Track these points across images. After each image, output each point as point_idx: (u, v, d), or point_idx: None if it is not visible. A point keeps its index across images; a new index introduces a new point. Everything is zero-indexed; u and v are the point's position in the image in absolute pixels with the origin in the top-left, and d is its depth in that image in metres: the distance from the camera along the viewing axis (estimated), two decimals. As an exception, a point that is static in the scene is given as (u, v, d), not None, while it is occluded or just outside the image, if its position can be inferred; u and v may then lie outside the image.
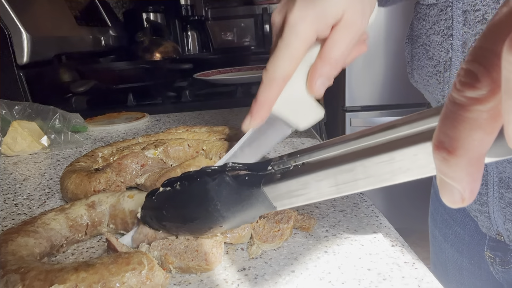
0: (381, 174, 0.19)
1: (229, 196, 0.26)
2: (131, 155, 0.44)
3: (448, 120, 0.14)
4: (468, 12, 0.38)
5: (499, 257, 0.48)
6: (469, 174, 0.14)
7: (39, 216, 0.34)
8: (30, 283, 0.24)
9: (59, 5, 1.16)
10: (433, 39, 0.42)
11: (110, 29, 1.47)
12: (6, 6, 0.86)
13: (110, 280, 0.24)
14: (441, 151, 0.14)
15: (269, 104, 0.33)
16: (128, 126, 0.82)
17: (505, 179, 0.42)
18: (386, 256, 0.30)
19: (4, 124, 0.67)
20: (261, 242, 0.31)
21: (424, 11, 0.44)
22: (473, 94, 0.13)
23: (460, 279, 0.57)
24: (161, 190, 0.29)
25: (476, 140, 0.14)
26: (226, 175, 0.26)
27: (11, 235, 0.30)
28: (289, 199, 0.24)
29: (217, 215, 0.27)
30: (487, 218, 0.46)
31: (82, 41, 1.22)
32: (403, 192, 1.80)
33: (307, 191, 0.23)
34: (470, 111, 0.13)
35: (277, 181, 0.24)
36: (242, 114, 0.86)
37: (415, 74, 0.48)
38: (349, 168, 0.20)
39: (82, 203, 0.36)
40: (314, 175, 0.22)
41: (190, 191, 0.28)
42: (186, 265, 0.28)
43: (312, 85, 0.32)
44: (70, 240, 0.34)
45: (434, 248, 0.64)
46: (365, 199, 0.41)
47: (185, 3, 2.00)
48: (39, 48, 0.93)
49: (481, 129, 0.13)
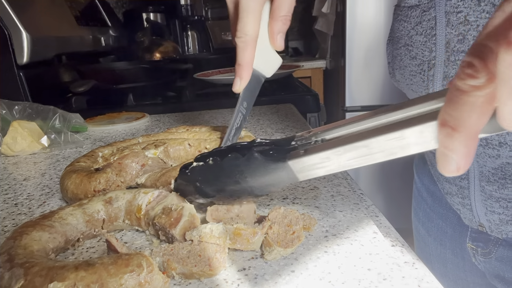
0: (392, 148, 0.22)
1: (257, 170, 0.29)
2: (131, 155, 0.44)
3: (451, 103, 0.18)
4: (451, 13, 0.40)
5: (481, 247, 0.50)
6: (467, 147, 0.18)
7: (56, 211, 0.35)
8: (32, 278, 0.24)
9: (59, 5, 1.16)
10: (416, 39, 0.44)
11: (110, 29, 1.47)
12: (6, 6, 0.86)
13: (107, 281, 0.24)
14: (446, 128, 0.18)
15: (251, 63, 0.39)
16: (128, 126, 0.82)
17: (485, 172, 0.44)
18: (386, 256, 0.30)
19: (4, 124, 0.67)
20: (283, 249, 0.30)
21: (406, 12, 0.46)
22: (474, 83, 0.16)
23: (444, 271, 0.59)
24: (195, 164, 0.33)
25: (474, 119, 0.17)
26: (254, 151, 0.29)
27: (27, 228, 0.31)
28: (312, 171, 0.27)
29: (246, 186, 0.31)
30: (469, 210, 0.48)
31: (82, 41, 1.22)
32: (403, 192, 1.80)
33: (328, 164, 0.25)
34: (470, 96, 0.17)
35: (301, 156, 0.27)
36: (242, 114, 0.86)
37: (397, 74, 0.50)
38: (365, 144, 0.23)
39: (99, 199, 0.37)
40: (335, 150, 0.24)
41: (222, 166, 0.31)
42: (189, 271, 0.28)
43: (275, 40, 0.39)
44: (87, 235, 0.35)
45: (418, 243, 0.66)
46: (365, 199, 0.41)
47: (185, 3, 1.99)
48: (39, 48, 0.93)
49: (478, 110, 0.17)
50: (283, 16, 0.38)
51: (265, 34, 0.39)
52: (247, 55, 0.38)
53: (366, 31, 1.71)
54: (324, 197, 0.40)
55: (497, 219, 0.45)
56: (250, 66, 0.39)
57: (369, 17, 1.70)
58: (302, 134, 0.30)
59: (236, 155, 0.30)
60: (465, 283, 0.57)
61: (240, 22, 0.37)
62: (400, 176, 1.78)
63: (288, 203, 0.40)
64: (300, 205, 0.39)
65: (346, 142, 0.24)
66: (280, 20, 0.38)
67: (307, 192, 0.42)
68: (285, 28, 0.39)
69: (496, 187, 0.43)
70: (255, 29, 0.38)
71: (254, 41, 0.38)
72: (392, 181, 1.83)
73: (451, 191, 0.50)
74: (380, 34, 1.70)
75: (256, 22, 0.37)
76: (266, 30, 0.39)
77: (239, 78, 0.39)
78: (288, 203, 0.40)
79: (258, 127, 0.73)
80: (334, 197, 0.40)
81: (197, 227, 0.31)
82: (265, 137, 0.65)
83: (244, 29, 0.37)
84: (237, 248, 0.31)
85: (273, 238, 0.31)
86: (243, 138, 0.52)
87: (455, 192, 0.49)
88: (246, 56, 0.38)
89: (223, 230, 0.31)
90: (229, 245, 0.31)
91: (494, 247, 0.48)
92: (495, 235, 0.47)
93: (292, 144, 0.30)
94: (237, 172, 0.30)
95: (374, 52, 1.72)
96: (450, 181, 0.50)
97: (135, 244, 0.34)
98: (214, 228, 0.31)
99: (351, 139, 0.24)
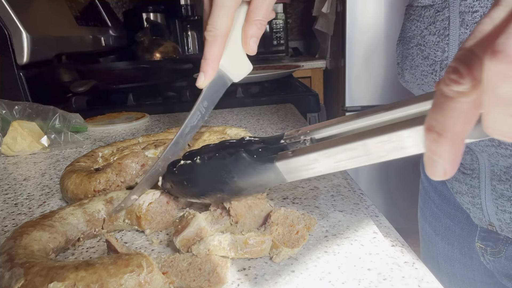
0: (379, 152, 0.22)
1: (245, 170, 0.29)
2: (131, 155, 0.44)
3: (438, 108, 0.18)
4: (466, 13, 0.39)
5: (490, 246, 0.50)
6: (453, 152, 0.18)
7: (57, 211, 0.35)
8: (31, 278, 0.24)
9: (59, 5, 1.16)
10: (428, 40, 0.44)
11: (110, 29, 1.47)
12: (6, 6, 0.86)
13: (107, 281, 0.24)
14: (432, 133, 0.18)
15: (217, 59, 0.38)
16: (128, 126, 0.82)
17: (497, 171, 0.43)
18: (386, 256, 0.30)
19: (4, 124, 0.67)
20: (291, 249, 0.30)
21: (419, 12, 0.45)
22: (459, 89, 0.16)
23: (452, 271, 0.59)
24: (182, 162, 0.32)
25: (460, 124, 0.17)
26: (242, 151, 0.29)
27: (27, 228, 0.31)
28: (300, 172, 0.27)
29: (233, 185, 0.30)
30: (479, 209, 0.48)
31: (82, 41, 1.22)
32: (403, 192, 1.80)
33: (315, 165, 0.26)
34: (456, 102, 0.17)
35: (289, 157, 0.27)
36: (242, 114, 0.86)
37: (407, 74, 0.49)
38: (353, 146, 0.23)
39: (100, 199, 0.37)
40: (322, 152, 0.25)
41: (209, 165, 0.30)
42: (187, 286, 0.27)
43: (247, 44, 0.39)
44: (87, 234, 0.35)
45: (424, 243, 0.65)
46: (365, 199, 0.41)
47: (185, 3, 2.00)
48: (39, 48, 0.93)
49: (464, 116, 0.17)
50: (259, 20, 0.38)
51: (238, 38, 0.39)
52: (214, 50, 0.37)
53: (366, 31, 1.71)
54: (324, 197, 0.40)
55: (508, 218, 0.45)
56: (216, 62, 0.38)
57: (369, 17, 1.69)
58: (291, 132, 0.30)
59: (223, 154, 0.30)
60: (473, 283, 0.57)
61: (212, 16, 0.37)
62: (400, 176, 1.78)
63: (288, 203, 0.40)
64: (300, 205, 0.39)
65: (334, 144, 0.24)
66: (255, 24, 0.38)
67: (307, 192, 0.42)
68: (259, 33, 0.39)
69: (507, 186, 0.43)
70: (226, 24, 0.37)
71: (224, 36, 0.37)
72: (392, 181, 1.83)
73: (461, 190, 0.50)
74: (380, 34, 1.70)
75: (228, 18, 0.37)
76: (240, 33, 0.39)
77: (203, 73, 0.38)
78: (288, 203, 0.40)
79: (258, 127, 0.73)
80: (334, 197, 0.40)
81: (203, 239, 0.30)
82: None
83: (214, 23, 0.37)
84: (248, 257, 0.30)
85: (278, 239, 0.30)
86: None
87: (465, 191, 0.49)
88: (213, 51, 0.37)
89: (232, 241, 0.30)
90: (241, 255, 0.30)
91: (504, 246, 0.47)
92: (505, 234, 0.46)
93: (281, 142, 0.30)
94: (225, 172, 0.30)
95: (374, 52, 1.72)
96: (460, 180, 0.49)
97: (135, 244, 0.34)
98: (222, 240, 0.30)
99: (340, 141, 0.24)
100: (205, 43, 0.38)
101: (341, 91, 1.83)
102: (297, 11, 2.53)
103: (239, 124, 0.77)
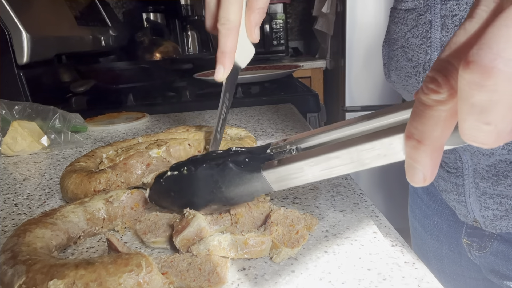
0: (363, 159, 0.23)
1: (232, 180, 0.29)
2: (136, 155, 0.44)
3: (417, 117, 0.18)
4: (446, 17, 0.40)
5: (476, 242, 0.51)
6: (432, 159, 0.19)
7: (58, 209, 0.35)
8: (33, 275, 0.25)
9: (59, 5, 1.16)
10: (412, 42, 0.45)
11: (110, 29, 1.47)
12: (6, 6, 0.86)
13: (106, 280, 0.24)
14: (411, 141, 0.19)
15: (234, 51, 0.39)
16: (128, 126, 0.82)
17: (479, 170, 0.45)
18: (386, 256, 0.30)
19: (4, 124, 0.67)
20: (291, 249, 0.30)
21: (402, 15, 0.47)
22: (436, 97, 0.17)
23: (441, 267, 0.60)
24: (169, 174, 0.32)
25: (438, 132, 0.18)
26: (229, 161, 0.29)
27: (30, 226, 0.31)
28: (286, 181, 0.27)
29: (220, 196, 0.31)
30: (464, 207, 0.49)
31: (82, 41, 1.22)
32: (403, 192, 1.80)
33: (301, 174, 0.26)
34: (434, 110, 0.17)
35: (275, 166, 0.27)
36: (242, 114, 0.86)
37: (393, 75, 0.51)
38: (337, 155, 0.24)
39: (100, 197, 0.37)
40: (308, 161, 0.25)
41: (196, 176, 0.31)
42: (187, 286, 0.27)
43: (252, 33, 0.40)
44: (87, 232, 0.35)
45: (415, 240, 0.67)
46: (365, 199, 0.41)
47: (185, 3, 2.00)
48: (39, 48, 0.93)
49: (442, 124, 0.18)
50: (261, 8, 0.39)
51: (242, 26, 0.40)
52: (229, 42, 0.38)
53: (366, 31, 1.71)
54: (324, 197, 0.40)
55: (491, 215, 0.46)
56: (233, 54, 0.39)
57: (369, 17, 1.70)
58: (278, 142, 0.31)
59: (210, 165, 0.30)
60: (462, 278, 0.58)
61: (223, 9, 0.37)
62: (400, 176, 1.78)
63: (288, 203, 0.40)
64: (300, 205, 0.39)
65: (319, 153, 0.25)
66: (258, 12, 0.39)
67: (307, 192, 0.42)
68: (261, 20, 0.40)
69: (490, 183, 0.44)
70: (239, 16, 0.38)
71: (237, 28, 0.38)
72: (392, 181, 1.83)
73: (446, 188, 0.51)
74: (380, 34, 1.70)
75: (240, 10, 0.38)
76: (243, 22, 0.40)
77: (222, 66, 0.39)
78: (288, 203, 0.40)
79: (258, 127, 0.73)
80: (334, 197, 0.40)
81: (203, 239, 0.30)
82: (262, 138, 0.65)
83: (228, 15, 0.37)
84: (248, 257, 0.30)
85: (278, 239, 0.30)
86: (244, 138, 0.52)
87: (450, 189, 0.50)
88: (229, 43, 0.38)
89: (231, 241, 0.30)
90: (241, 255, 0.30)
91: (489, 242, 0.49)
92: (489, 230, 0.48)
93: (267, 152, 0.30)
94: (212, 182, 0.30)
95: (374, 52, 1.72)
96: (445, 179, 0.51)
97: (135, 244, 0.34)
98: (222, 240, 0.30)
99: (324, 150, 0.24)
100: (220, 36, 0.38)
101: (341, 91, 1.83)
102: (297, 11, 2.53)
103: (239, 124, 0.77)
